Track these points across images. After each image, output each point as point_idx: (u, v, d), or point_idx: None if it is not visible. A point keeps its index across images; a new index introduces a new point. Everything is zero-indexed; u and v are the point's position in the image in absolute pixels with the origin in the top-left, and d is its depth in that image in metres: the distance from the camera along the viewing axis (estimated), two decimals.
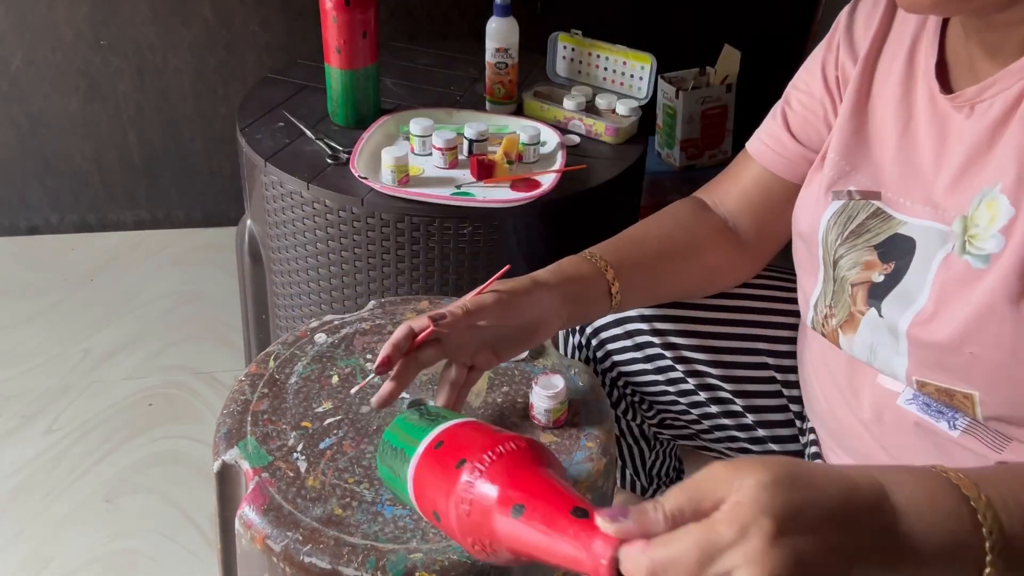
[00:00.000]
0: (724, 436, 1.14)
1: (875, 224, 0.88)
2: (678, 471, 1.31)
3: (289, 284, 1.44)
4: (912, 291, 0.83)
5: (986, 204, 0.77)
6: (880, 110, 0.90)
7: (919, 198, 0.84)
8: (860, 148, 0.90)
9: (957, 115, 0.81)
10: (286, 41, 2.13)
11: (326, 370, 0.95)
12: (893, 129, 0.88)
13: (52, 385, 1.79)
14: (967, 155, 0.80)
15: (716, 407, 1.10)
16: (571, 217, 1.34)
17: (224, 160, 2.25)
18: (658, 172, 1.85)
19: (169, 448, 1.66)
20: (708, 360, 1.08)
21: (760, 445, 1.12)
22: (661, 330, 1.08)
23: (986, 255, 0.77)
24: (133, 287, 2.08)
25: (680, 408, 1.13)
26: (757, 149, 1.04)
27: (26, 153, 2.17)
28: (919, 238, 0.84)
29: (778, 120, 1.01)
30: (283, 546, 0.76)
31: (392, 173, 1.28)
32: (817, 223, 0.93)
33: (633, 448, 1.23)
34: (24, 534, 1.48)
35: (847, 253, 0.90)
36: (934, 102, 0.83)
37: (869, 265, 0.88)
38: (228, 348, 1.90)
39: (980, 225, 0.78)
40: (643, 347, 1.10)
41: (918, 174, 0.85)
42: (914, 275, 0.84)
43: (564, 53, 1.58)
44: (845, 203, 0.90)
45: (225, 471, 0.86)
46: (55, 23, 2.02)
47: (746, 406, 1.09)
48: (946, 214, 0.82)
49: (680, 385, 1.10)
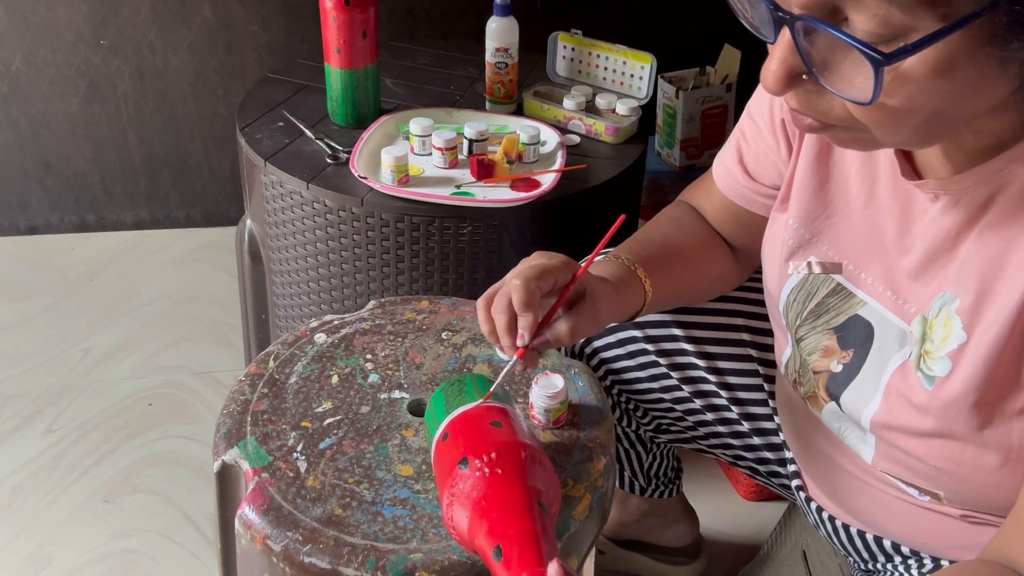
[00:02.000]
0: (719, 443, 1.13)
1: (835, 303, 0.84)
2: (676, 470, 1.31)
3: (289, 284, 1.44)
4: (867, 391, 0.81)
5: (943, 320, 0.74)
6: (843, 165, 0.84)
7: (880, 276, 0.81)
8: (821, 211, 0.85)
9: (922, 196, 0.75)
10: (286, 41, 2.13)
11: (326, 370, 0.95)
12: (859, 192, 0.82)
13: (52, 385, 1.79)
14: (930, 248, 0.75)
15: (711, 414, 1.10)
16: (571, 217, 1.34)
17: (224, 160, 2.25)
18: (658, 172, 1.85)
19: (169, 448, 1.65)
20: (704, 367, 1.07)
21: (754, 452, 1.12)
22: (655, 337, 1.07)
23: (933, 377, 0.75)
24: (133, 287, 2.08)
25: (676, 415, 1.12)
26: (719, 176, 1.00)
27: (26, 154, 2.17)
28: (877, 327, 0.81)
29: (734, 151, 0.97)
30: (283, 546, 0.76)
31: (392, 173, 1.28)
32: (779, 293, 0.90)
33: (630, 452, 1.22)
34: (24, 534, 1.48)
35: (808, 335, 0.87)
36: (897, 176, 0.77)
37: (828, 351, 0.85)
38: (228, 348, 1.90)
39: (934, 342, 0.74)
40: (636, 355, 1.09)
41: (881, 247, 0.80)
42: (870, 372, 0.81)
43: (564, 53, 1.58)
44: (805, 276, 0.86)
45: (225, 471, 0.85)
46: (55, 24, 2.02)
47: (741, 414, 1.08)
48: (905, 307, 0.78)
49: (675, 393, 1.09)
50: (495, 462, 0.70)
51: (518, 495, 0.68)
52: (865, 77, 0.58)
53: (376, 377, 0.94)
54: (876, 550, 0.94)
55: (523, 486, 0.69)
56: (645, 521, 1.36)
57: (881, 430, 0.80)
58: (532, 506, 0.67)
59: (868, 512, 0.91)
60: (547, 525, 0.67)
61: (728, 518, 1.55)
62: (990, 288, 0.70)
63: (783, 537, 1.27)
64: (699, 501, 1.47)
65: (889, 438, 0.80)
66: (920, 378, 0.76)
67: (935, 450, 0.76)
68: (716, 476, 1.63)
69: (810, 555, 1.17)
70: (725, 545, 1.51)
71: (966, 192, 0.71)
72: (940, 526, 0.85)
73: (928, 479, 0.80)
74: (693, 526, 1.41)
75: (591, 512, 0.82)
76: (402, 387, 0.93)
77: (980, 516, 0.81)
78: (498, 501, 0.68)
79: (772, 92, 0.62)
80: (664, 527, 1.38)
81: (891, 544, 0.92)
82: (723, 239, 1.04)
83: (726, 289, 1.06)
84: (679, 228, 1.02)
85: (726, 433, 1.11)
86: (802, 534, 1.20)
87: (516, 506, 0.67)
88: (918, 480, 0.81)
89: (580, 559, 0.82)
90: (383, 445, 0.86)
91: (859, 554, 0.96)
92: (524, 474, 0.70)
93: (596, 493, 0.83)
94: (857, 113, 0.62)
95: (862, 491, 0.90)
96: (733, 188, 0.98)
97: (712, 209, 1.03)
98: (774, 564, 1.27)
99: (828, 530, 0.99)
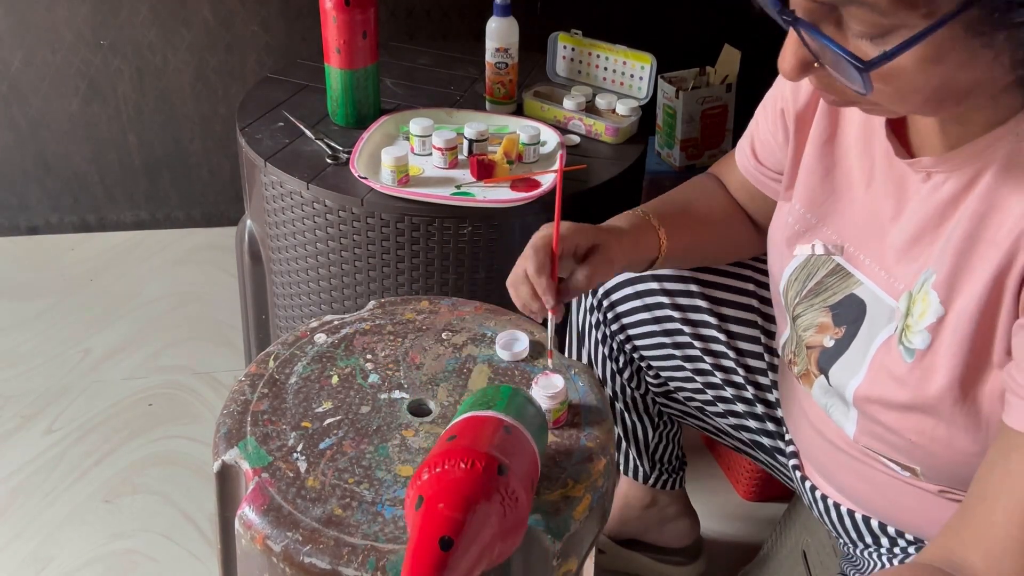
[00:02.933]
0: (726, 410, 1.14)
1: (833, 282, 0.88)
2: (680, 460, 1.32)
3: (289, 284, 1.44)
4: (854, 364, 0.84)
5: (923, 295, 0.77)
6: (847, 154, 0.88)
7: (876, 257, 0.84)
8: (827, 197, 0.89)
9: (914, 177, 0.79)
10: (286, 41, 2.13)
11: (326, 370, 0.95)
12: (860, 176, 0.86)
13: (52, 385, 1.79)
14: (920, 225, 0.78)
15: (720, 375, 1.12)
16: (571, 217, 1.33)
17: (224, 160, 2.25)
18: (658, 172, 1.85)
19: (169, 448, 1.66)
20: (716, 325, 1.11)
21: (759, 422, 1.13)
22: (672, 291, 1.12)
23: (913, 350, 0.77)
24: (133, 287, 2.08)
25: (685, 375, 1.14)
26: (738, 156, 1.07)
27: (26, 154, 2.17)
28: (870, 305, 0.84)
29: (748, 135, 1.04)
30: (283, 546, 0.76)
31: (392, 173, 1.28)
32: (780, 275, 0.95)
33: (637, 425, 1.23)
34: (24, 534, 1.48)
35: (804, 312, 0.91)
36: (891, 158, 0.81)
37: (823, 328, 0.89)
38: (228, 348, 1.90)
39: (914, 316, 0.77)
40: (653, 308, 1.13)
41: (878, 229, 0.84)
42: (858, 347, 0.84)
43: (564, 53, 1.58)
44: (808, 257, 0.90)
45: (225, 471, 0.85)
46: (55, 24, 2.02)
47: (747, 379, 1.11)
48: (895, 284, 0.81)
49: (687, 350, 1.12)
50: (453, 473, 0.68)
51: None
52: (855, 75, 0.64)
53: (376, 377, 0.94)
54: (864, 530, 0.96)
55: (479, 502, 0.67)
56: (646, 515, 1.36)
57: (863, 403, 0.83)
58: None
59: (854, 488, 0.94)
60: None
61: (728, 518, 1.55)
62: (966, 262, 0.73)
63: (783, 537, 1.27)
64: (699, 501, 1.47)
65: (870, 411, 0.83)
66: (901, 351, 0.78)
67: (911, 423, 0.79)
68: (716, 476, 1.63)
69: (810, 555, 1.17)
70: (725, 545, 1.51)
71: (956, 170, 0.74)
72: (919, 502, 0.87)
73: (905, 453, 0.83)
74: (694, 526, 1.41)
75: (591, 512, 0.82)
76: (402, 387, 0.93)
77: (957, 493, 0.83)
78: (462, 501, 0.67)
79: (788, 78, 0.70)
80: (664, 523, 1.38)
81: (878, 525, 0.94)
82: (744, 209, 1.10)
83: (746, 254, 1.12)
84: (703, 192, 1.10)
85: (733, 397, 1.13)
86: (802, 534, 1.21)
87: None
88: (896, 455, 0.84)
89: (580, 559, 0.82)
90: (383, 445, 0.86)
91: (848, 535, 0.99)
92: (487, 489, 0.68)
93: (596, 493, 0.83)
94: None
95: (848, 466, 0.93)
96: (746, 168, 1.05)
97: (732, 185, 1.10)
98: (774, 564, 1.27)
99: (820, 509, 1.02)
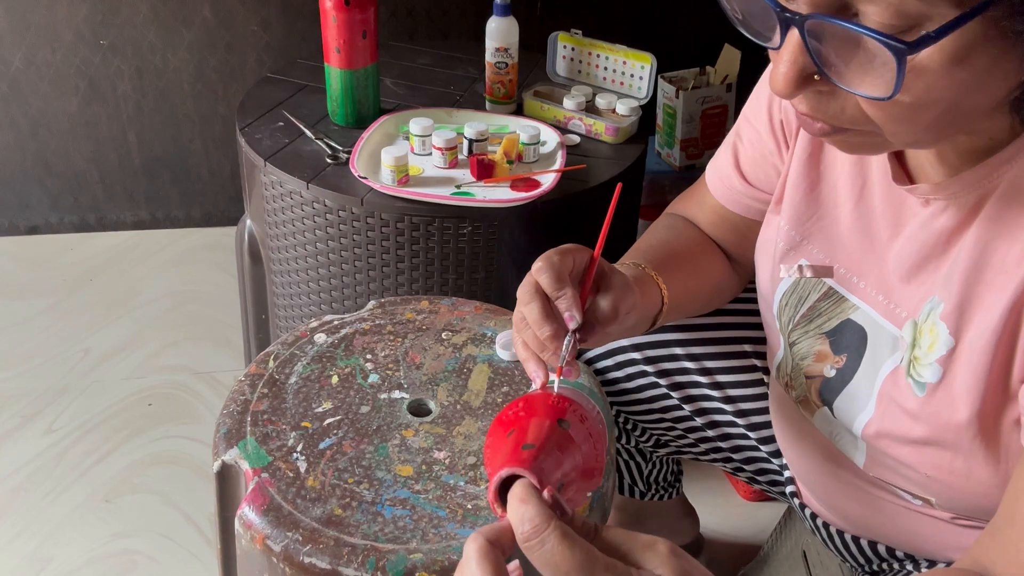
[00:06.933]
0: (720, 457, 1.12)
1: (827, 307, 0.83)
2: (676, 474, 1.31)
3: (289, 284, 1.44)
4: (861, 397, 0.80)
5: (930, 326, 0.73)
6: (834, 168, 0.82)
7: (872, 280, 0.79)
8: (812, 213, 0.84)
9: (913, 199, 0.74)
10: (286, 41, 2.13)
11: (326, 370, 0.95)
12: (849, 193, 0.81)
13: (52, 385, 1.79)
14: (921, 252, 0.74)
15: (712, 431, 1.09)
16: (571, 217, 1.34)
17: (224, 160, 2.25)
18: (658, 172, 1.85)
19: (169, 448, 1.65)
20: (707, 383, 1.05)
21: (755, 464, 1.11)
22: (654, 358, 1.06)
23: (923, 383, 0.73)
24: (133, 287, 2.08)
25: (676, 433, 1.11)
26: (713, 183, 0.98)
27: (26, 153, 2.17)
28: (870, 332, 0.80)
29: (730, 156, 0.95)
30: (283, 546, 0.76)
31: (392, 173, 1.28)
32: (772, 296, 0.89)
33: (630, 463, 1.22)
34: (24, 534, 1.48)
35: (800, 339, 0.86)
36: (888, 178, 0.76)
37: (821, 356, 0.84)
38: (228, 348, 1.90)
39: (922, 348, 0.73)
40: (635, 377, 1.07)
41: (873, 250, 0.79)
42: (863, 379, 0.80)
43: (564, 53, 1.58)
44: (796, 280, 0.85)
45: (225, 471, 0.85)
46: (55, 23, 2.02)
47: (746, 425, 1.07)
48: (898, 312, 0.77)
49: (675, 412, 1.08)
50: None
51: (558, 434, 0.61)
52: (883, 71, 0.56)
53: (376, 377, 0.95)
54: (871, 555, 0.94)
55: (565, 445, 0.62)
56: (646, 523, 1.36)
57: (873, 439, 0.79)
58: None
59: (861, 516, 0.91)
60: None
61: (728, 518, 1.55)
62: (973, 292, 0.69)
63: (783, 537, 1.27)
64: (699, 501, 1.47)
65: (880, 446, 0.79)
66: (911, 384, 0.75)
67: (926, 458, 0.75)
68: (716, 476, 1.63)
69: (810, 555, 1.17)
70: (725, 545, 1.51)
71: (956, 196, 0.70)
72: (933, 529, 0.84)
73: (919, 486, 0.79)
74: (693, 525, 1.41)
75: (591, 512, 0.82)
76: (402, 387, 0.93)
77: (975, 521, 0.81)
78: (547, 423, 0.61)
79: (782, 95, 0.61)
80: (664, 527, 1.38)
81: (885, 549, 0.92)
82: (718, 247, 1.01)
83: (726, 298, 1.03)
84: (677, 234, 0.99)
85: (727, 448, 1.10)
86: (802, 534, 1.20)
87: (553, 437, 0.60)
88: (909, 486, 0.81)
89: None
90: (383, 445, 0.86)
91: (855, 559, 0.96)
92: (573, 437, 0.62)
93: (596, 493, 0.83)
94: (871, 111, 0.61)
95: (854, 495, 0.89)
96: (728, 195, 0.96)
97: (706, 218, 1.00)
98: (774, 564, 1.27)
99: (824, 536, 0.99)
